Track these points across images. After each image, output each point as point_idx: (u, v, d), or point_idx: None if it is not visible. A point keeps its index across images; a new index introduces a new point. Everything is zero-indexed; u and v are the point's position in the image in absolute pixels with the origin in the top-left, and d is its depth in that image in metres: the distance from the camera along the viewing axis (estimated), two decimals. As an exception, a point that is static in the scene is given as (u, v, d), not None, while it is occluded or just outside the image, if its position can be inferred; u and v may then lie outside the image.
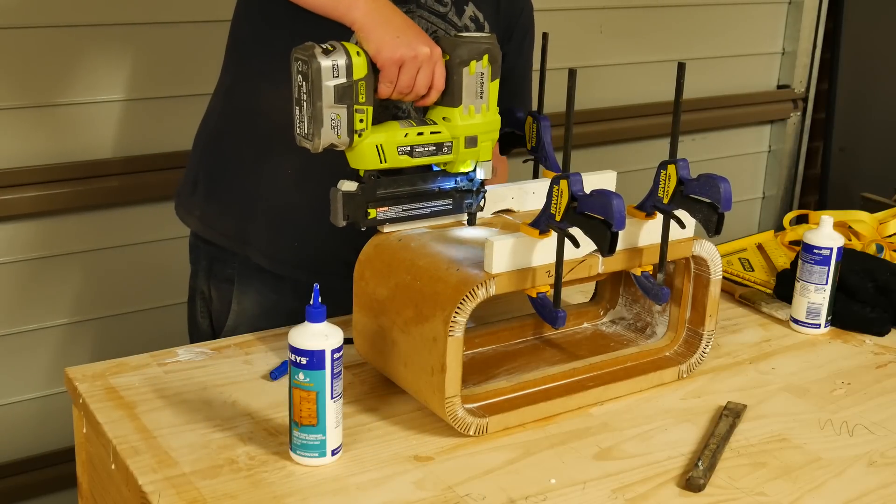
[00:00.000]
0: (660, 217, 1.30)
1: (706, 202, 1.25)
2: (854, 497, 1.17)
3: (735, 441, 1.27)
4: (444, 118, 1.30)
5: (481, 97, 1.30)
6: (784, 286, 1.68)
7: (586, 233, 1.17)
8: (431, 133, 1.29)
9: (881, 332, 1.60)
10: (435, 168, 1.33)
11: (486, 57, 1.28)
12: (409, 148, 1.28)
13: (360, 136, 1.25)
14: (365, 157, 1.27)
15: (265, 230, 1.55)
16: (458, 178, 1.34)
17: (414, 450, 1.22)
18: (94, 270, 2.14)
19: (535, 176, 1.50)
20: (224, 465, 1.16)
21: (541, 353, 1.45)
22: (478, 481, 1.16)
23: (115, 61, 2.06)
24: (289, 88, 1.25)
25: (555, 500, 1.13)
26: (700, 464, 1.19)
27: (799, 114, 3.40)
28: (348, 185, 1.27)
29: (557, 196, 1.17)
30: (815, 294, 1.57)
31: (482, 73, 1.29)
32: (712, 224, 1.25)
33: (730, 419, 1.30)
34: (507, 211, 1.42)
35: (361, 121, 1.24)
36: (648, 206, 1.31)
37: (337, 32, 1.29)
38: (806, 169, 3.54)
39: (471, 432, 1.23)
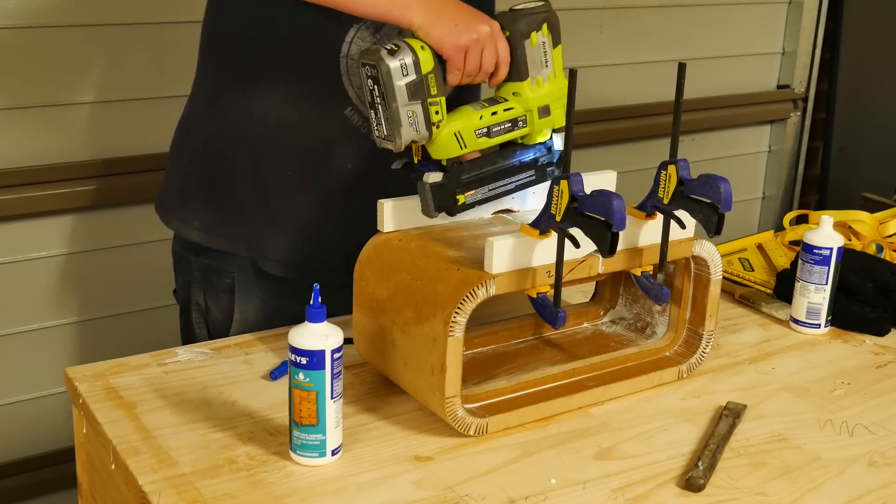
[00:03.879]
0: (660, 217, 1.30)
1: (706, 202, 1.25)
2: (854, 497, 1.17)
3: (735, 441, 1.27)
4: (514, 93, 1.32)
5: (546, 65, 1.31)
6: (784, 286, 1.68)
7: (586, 233, 1.17)
8: (505, 110, 1.31)
9: (881, 332, 1.60)
10: (513, 143, 1.35)
11: (545, 26, 1.30)
12: (486, 129, 1.29)
13: (437, 127, 1.26)
14: (446, 146, 1.28)
15: (271, 234, 1.52)
16: (537, 149, 1.36)
17: (414, 450, 1.22)
18: (94, 270, 2.14)
19: None
20: (224, 465, 1.16)
21: (541, 353, 1.45)
22: (478, 481, 1.16)
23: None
24: (279, 87, 1.23)
25: (555, 500, 1.13)
26: (700, 464, 1.19)
27: (799, 114, 3.41)
28: (434, 177, 1.28)
29: (557, 196, 1.17)
30: (815, 294, 1.57)
31: (544, 42, 1.30)
32: (712, 224, 1.25)
33: (730, 419, 1.30)
34: (507, 211, 1.42)
35: (437, 112, 1.26)
36: (648, 206, 1.31)
37: (331, 29, 1.27)
38: (806, 169, 3.54)
39: (471, 432, 1.23)
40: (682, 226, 1.30)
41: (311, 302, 1.14)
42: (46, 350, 2.12)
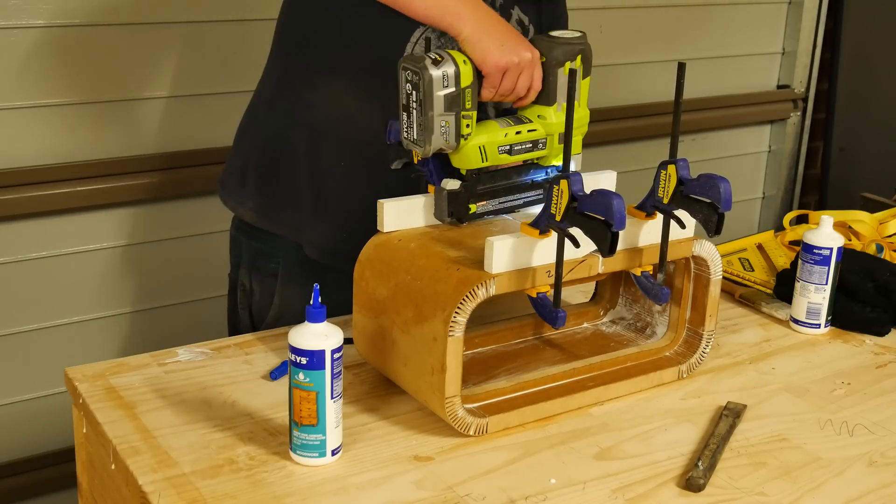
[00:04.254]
0: (660, 217, 1.30)
1: (706, 202, 1.25)
2: (854, 497, 1.17)
3: (735, 441, 1.27)
4: (538, 116, 1.35)
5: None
6: (784, 286, 1.68)
7: (586, 233, 1.17)
8: (528, 131, 1.34)
9: (881, 332, 1.60)
10: (527, 162, 1.38)
11: (579, 57, 1.34)
12: (508, 147, 1.33)
13: (465, 139, 1.30)
14: (469, 157, 1.32)
15: (318, 222, 1.56)
16: (549, 170, 1.39)
17: (414, 450, 1.22)
18: (93, 270, 2.14)
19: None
20: (224, 465, 1.16)
21: (541, 353, 1.45)
22: (478, 481, 1.16)
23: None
24: (343, 80, 1.33)
25: (555, 500, 1.13)
26: (700, 464, 1.19)
27: (799, 114, 3.40)
28: (452, 184, 1.33)
29: (557, 196, 1.17)
30: (815, 294, 1.57)
31: (575, 72, 1.32)
32: (712, 224, 1.25)
33: (730, 419, 1.30)
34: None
35: (468, 126, 1.30)
36: (648, 206, 1.31)
37: (397, 29, 1.38)
38: (806, 169, 3.54)
39: (471, 432, 1.23)
40: (682, 226, 1.30)
41: (311, 302, 1.14)
42: (47, 350, 2.12)
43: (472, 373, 1.35)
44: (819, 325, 1.59)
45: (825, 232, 1.55)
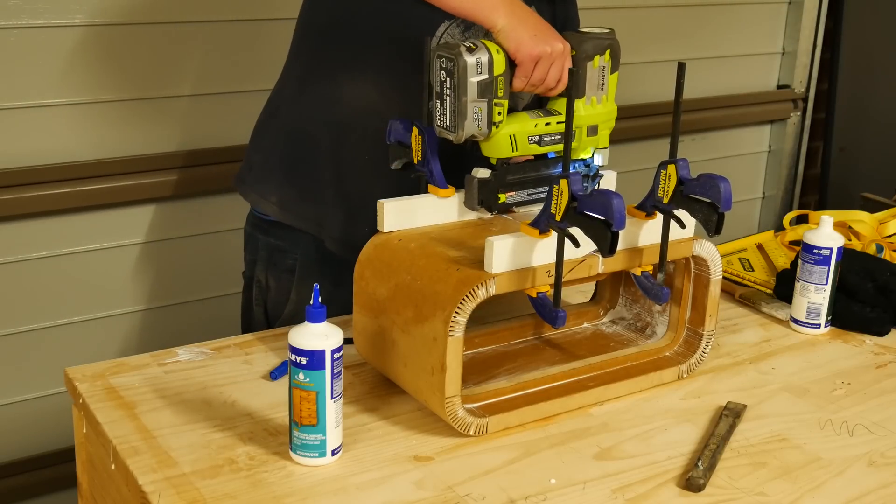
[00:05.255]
0: (660, 217, 1.30)
1: (706, 202, 1.25)
2: (854, 497, 1.17)
3: (735, 441, 1.27)
4: None
5: (602, 89, 1.39)
6: (784, 286, 1.68)
7: (586, 233, 1.17)
8: (558, 123, 1.37)
9: (881, 332, 1.60)
10: (554, 154, 1.40)
11: (608, 52, 1.37)
12: (538, 137, 1.36)
13: (497, 127, 1.33)
14: (500, 146, 1.34)
15: (341, 216, 1.57)
16: (577, 164, 1.41)
17: (414, 450, 1.22)
18: (93, 270, 2.14)
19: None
20: (224, 465, 1.16)
21: (541, 353, 1.45)
22: (478, 481, 1.16)
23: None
24: (367, 74, 1.38)
25: (555, 500, 1.13)
26: (700, 464, 1.19)
27: (799, 114, 3.40)
28: (483, 173, 1.35)
29: (557, 196, 1.17)
30: (815, 294, 1.57)
31: (604, 67, 1.38)
32: (712, 224, 1.25)
33: (730, 419, 1.30)
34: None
35: (500, 113, 1.32)
36: (648, 206, 1.31)
37: (422, 23, 1.40)
38: (806, 169, 3.54)
39: (471, 432, 1.23)
40: (682, 225, 1.30)
41: (312, 302, 1.14)
42: (46, 350, 2.12)
43: (472, 373, 1.35)
44: (819, 325, 1.59)
45: (825, 232, 1.55)
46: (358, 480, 1.15)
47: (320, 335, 1.13)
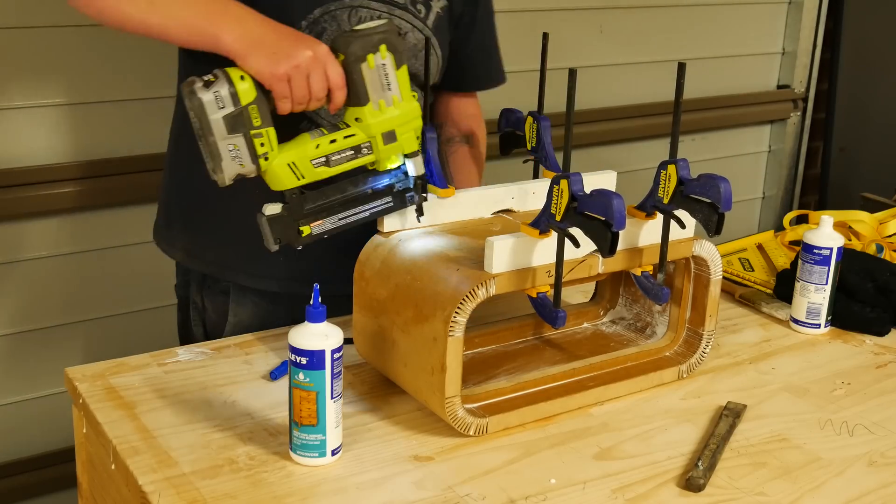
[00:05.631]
0: (660, 217, 1.30)
1: (706, 202, 1.25)
2: (854, 497, 1.17)
3: (735, 441, 1.27)
4: (356, 119, 1.26)
5: (389, 89, 1.25)
6: (784, 286, 1.68)
7: (586, 233, 1.17)
8: (345, 138, 1.25)
9: (881, 332, 1.60)
10: (364, 169, 1.29)
11: (383, 47, 1.23)
12: (324, 158, 1.24)
13: (266, 159, 1.21)
14: (280, 178, 1.23)
15: (247, 252, 1.50)
16: (392, 175, 1.30)
17: (414, 450, 1.22)
18: (93, 270, 2.14)
19: (536, 176, 1.50)
20: (224, 465, 1.16)
21: (541, 353, 1.45)
22: (478, 481, 1.16)
23: (107, 62, 2.06)
24: None
25: (555, 500, 1.13)
26: (700, 464, 1.19)
27: (799, 114, 3.40)
28: (272, 209, 1.23)
29: (557, 196, 1.17)
30: (815, 294, 1.57)
31: (384, 65, 1.24)
32: (712, 224, 1.25)
33: (730, 419, 1.30)
34: (508, 211, 1.42)
35: (262, 145, 1.20)
36: (648, 206, 1.31)
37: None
38: (806, 169, 3.54)
39: (471, 432, 1.23)
40: (682, 225, 1.30)
41: (311, 302, 1.14)
42: (46, 350, 2.12)
43: (472, 373, 1.35)
44: (819, 325, 1.59)
45: (825, 232, 1.55)
46: (358, 480, 1.15)
47: (320, 335, 1.13)
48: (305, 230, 1.25)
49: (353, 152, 1.26)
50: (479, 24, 1.62)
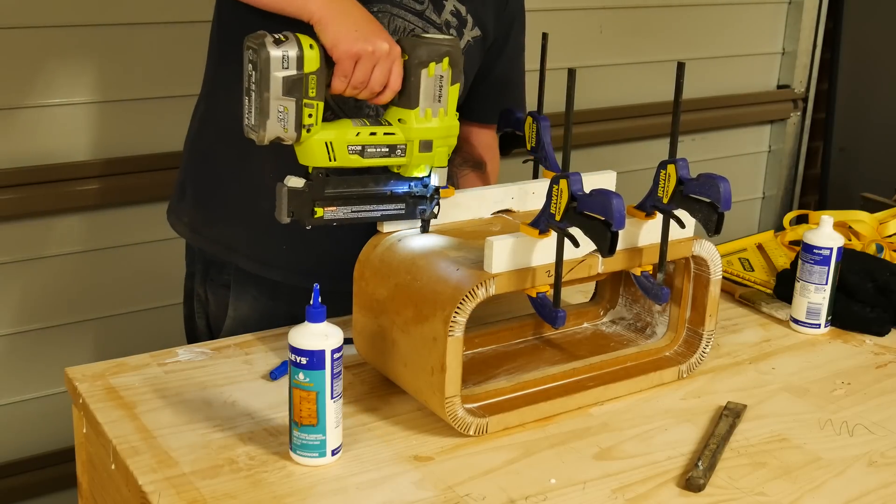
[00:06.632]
0: (660, 217, 1.30)
1: (706, 202, 1.25)
2: (854, 497, 1.17)
3: (735, 441, 1.27)
4: (399, 120, 1.27)
5: (439, 101, 1.27)
6: (784, 286, 1.68)
7: (586, 233, 1.17)
8: (385, 134, 1.26)
9: (881, 332, 1.60)
10: (388, 171, 1.30)
11: (446, 59, 1.25)
12: (360, 147, 1.25)
13: (308, 131, 1.21)
14: (314, 153, 1.23)
15: (252, 236, 1.52)
16: (412, 183, 1.31)
17: (414, 450, 1.22)
18: (93, 270, 2.14)
19: (536, 176, 1.50)
20: (224, 465, 1.16)
21: (541, 353, 1.45)
22: (478, 481, 1.16)
23: (101, 62, 2.06)
24: None
25: (555, 500, 1.13)
26: (700, 464, 1.19)
27: (799, 114, 3.41)
28: (295, 181, 1.24)
29: (557, 196, 1.17)
30: (815, 294, 1.57)
31: (441, 76, 1.26)
32: (712, 224, 1.25)
33: (730, 419, 1.30)
34: (507, 211, 1.42)
35: (310, 115, 1.21)
36: (648, 206, 1.31)
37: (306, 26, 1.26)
38: (806, 169, 3.55)
39: (471, 432, 1.23)
40: (682, 225, 1.30)
41: (311, 302, 1.14)
42: (46, 350, 2.12)
43: (472, 373, 1.35)
44: (819, 325, 1.59)
45: (825, 232, 1.55)
46: (358, 480, 1.15)
47: (320, 335, 1.13)
48: (319, 212, 1.26)
49: (388, 150, 1.27)
50: (505, 57, 1.62)
